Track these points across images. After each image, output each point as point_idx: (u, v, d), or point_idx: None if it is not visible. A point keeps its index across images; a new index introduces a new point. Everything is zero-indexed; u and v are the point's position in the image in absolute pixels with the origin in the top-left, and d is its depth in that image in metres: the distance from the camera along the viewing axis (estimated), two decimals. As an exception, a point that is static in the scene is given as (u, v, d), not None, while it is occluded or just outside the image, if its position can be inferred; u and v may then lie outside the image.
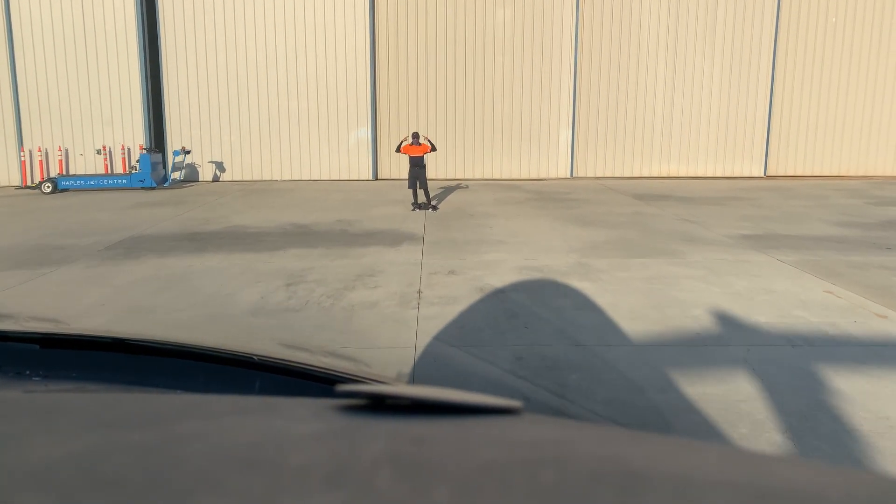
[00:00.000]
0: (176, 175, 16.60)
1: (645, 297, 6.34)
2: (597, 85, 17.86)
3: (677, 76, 17.88)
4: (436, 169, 17.74)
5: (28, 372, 1.31)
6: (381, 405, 0.71)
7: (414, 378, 4.51)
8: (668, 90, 17.94)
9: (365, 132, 17.72)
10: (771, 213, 11.85)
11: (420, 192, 12.43)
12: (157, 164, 16.04)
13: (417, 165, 12.28)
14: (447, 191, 15.40)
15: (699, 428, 3.73)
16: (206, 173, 17.64)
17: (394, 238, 9.50)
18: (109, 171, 17.03)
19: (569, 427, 0.73)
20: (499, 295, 6.50)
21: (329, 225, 10.65)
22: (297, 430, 0.64)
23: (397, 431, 0.61)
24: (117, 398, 0.94)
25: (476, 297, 6.43)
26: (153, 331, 5.60)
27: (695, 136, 18.17)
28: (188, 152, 16.44)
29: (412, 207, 12.38)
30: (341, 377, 1.25)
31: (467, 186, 16.33)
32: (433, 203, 12.72)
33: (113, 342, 1.41)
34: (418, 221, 11.08)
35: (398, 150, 12.47)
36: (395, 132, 17.67)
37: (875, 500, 0.50)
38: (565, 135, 17.90)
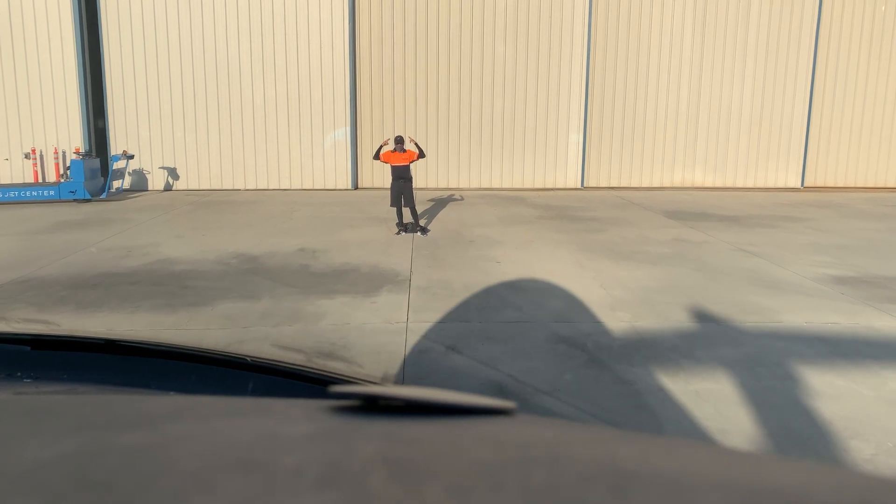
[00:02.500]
0: (118, 184, 14.02)
1: (779, 422, 3.90)
2: (612, 80, 15.47)
3: (704, 71, 15.53)
4: (426, 177, 15.29)
5: (19, 373, 1.31)
6: (374, 406, 0.69)
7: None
8: (694, 88, 15.58)
9: (343, 133, 15.23)
10: (844, 241, 9.49)
11: (406, 211, 9.97)
12: (95, 172, 13.45)
13: (402, 178, 9.81)
14: (439, 204, 12.95)
15: None
16: (156, 181, 15.06)
17: (369, 280, 7.03)
18: (40, 180, 14.42)
19: (561, 427, 0.72)
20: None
21: (287, 257, 8.16)
22: (289, 431, 0.63)
23: (390, 432, 0.61)
24: (109, 400, 0.95)
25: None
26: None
27: (723, 142, 15.83)
28: (131, 157, 13.86)
29: (396, 230, 9.92)
30: (334, 378, 1.25)
31: (462, 198, 13.89)
32: (422, 224, 10.27)
33: (105, 344, 1.42)
34: (403, 251, 8.62)
35: (377, 157, 10.00)
36: (377, 134, 15.19)
37: (864, 499, 0.49)
38: (575, 138, 15.50)
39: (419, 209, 11.65)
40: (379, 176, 15.13)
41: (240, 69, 14.83)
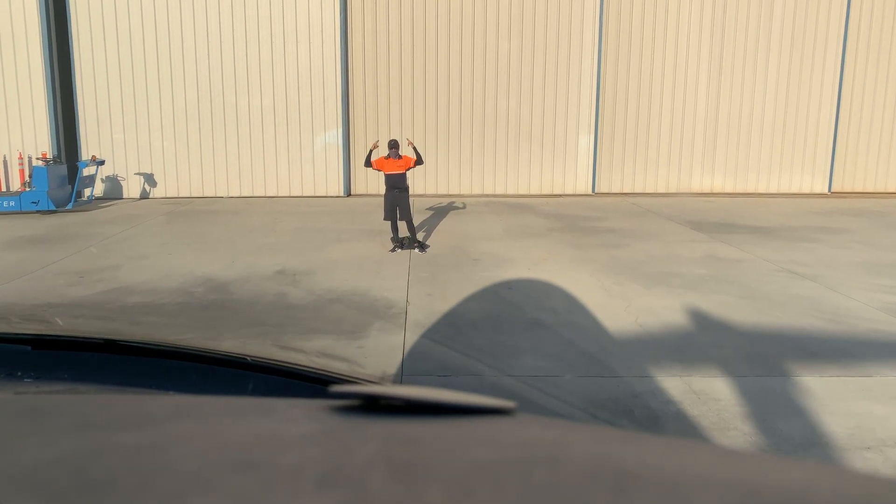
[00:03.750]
0: (88, 192, 12.85)
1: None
2: (625, 78, 14.33)
3: (724, 68, 14.40)
4: (424, 183, 14.14)
5: (20, 373, 1.31)
6: (375, 406, 0.69)
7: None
8: (713, 85, 14.45)
9: (334, 136, 14.07)
10: (900, 257, 8.36)
11: (402, 225, 8.83)
12: (62, 180, 12.29)
13: (396, 188, 8.67)
14: (438, 214, 11.81)
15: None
16: (131, 188, 13.88)
17: (357, 315, 5.87)
18: (3, 189, 13.25)
19: (561, 427, 0.72)
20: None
21: (262, 282, 7.01)
22: (290, 430, 0.63)
23: (390, 432, 0.61)
24: (109, 399, 0.97)
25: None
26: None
27: (744, 144, 14.70)
28: (101, 163, 12.68)
29: (392, 245, 8.77)
30: (334, 378, 1.24)
31: (463, 206, 12.76)
32: (419, 239, 9.12)
33: (105, 343, 1.42)
34: (399, 273, 7.48)
35: (367, 163, 8.85)
36: (372, 136, 14.00)
37: (864, 498, 0.49)
38: (586, 141, 14.35)
39: (416, 219, 10.53)
40: (373, 182, 13.93)
41: (221, 67, 13.66)
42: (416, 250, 8.66)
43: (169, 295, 6.54)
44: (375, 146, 9.00)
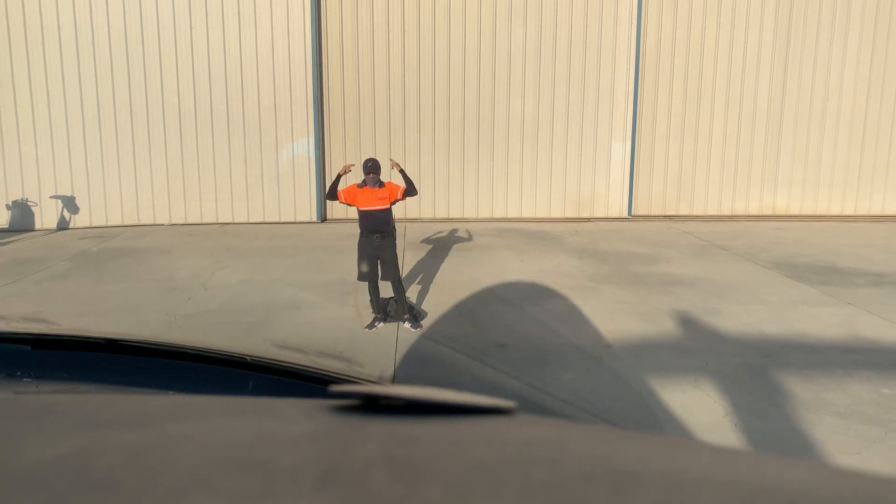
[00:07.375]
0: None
1: None
2: (669, 72, 11.52)
3: (791, 62, 11.60)
4: (419, 205, 11.27)
5: (19, 373, 1.30)
6: (375, 405, 0.69)
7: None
8: (777, 82, 11.65)
9: (305, 146, 11.20)
10: None
11: (385, 284, 5.95)
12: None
13: (377, 231, 5.81)
14: (435, 250, 8.95)
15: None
16: (46, 216, 10.96)
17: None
18: None
19: (561, 427, 0.72)
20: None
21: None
22: (289, 430, 0.63)
23: (390, 432, 0.61)
24: (109, 399, 0.96)
25: None
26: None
27: (814, 154, 11.90)
28: (-7, 185, 9.81)
29: (372, 318, 5.90)
30: (334, 377, 1.24)
31: (468, 236, 9.91)
32: (412, 305, 6.25)
33: (105, 343, 1.42)
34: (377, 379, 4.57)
35: (332, 194, 5.99)
36: (352, 146, 11.19)
37: (864, 498, 0.49)
38: (620, 150, 11.51)
39: (407, 260, 7.77)
40: (354, 204, 11.09)
41: (160, 60, 10.77)
42: (407, 324, 5.79)
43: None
44: (346, 170, 6.09)
